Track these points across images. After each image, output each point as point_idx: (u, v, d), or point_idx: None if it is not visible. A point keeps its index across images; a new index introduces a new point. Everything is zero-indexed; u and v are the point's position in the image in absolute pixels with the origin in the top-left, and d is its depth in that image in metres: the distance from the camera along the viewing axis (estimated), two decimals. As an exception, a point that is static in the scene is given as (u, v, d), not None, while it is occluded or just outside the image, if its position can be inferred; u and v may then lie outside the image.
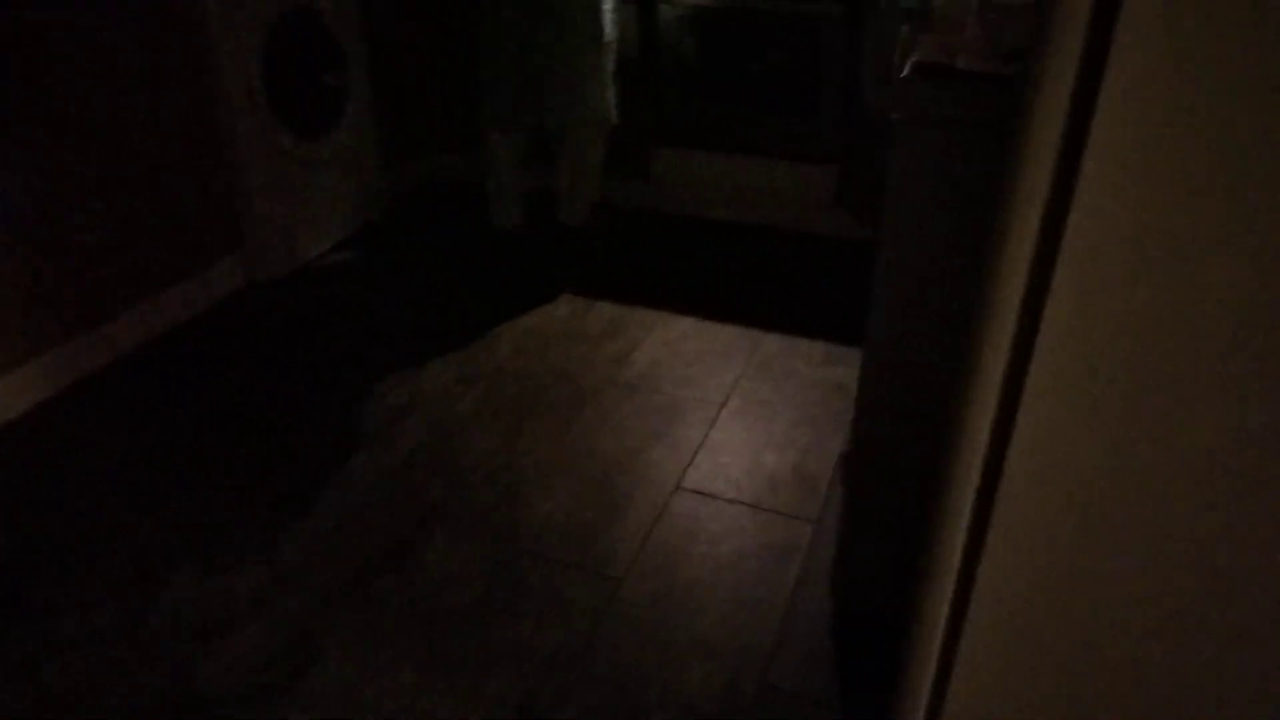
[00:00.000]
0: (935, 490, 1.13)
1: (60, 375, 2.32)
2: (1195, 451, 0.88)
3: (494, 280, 2.96)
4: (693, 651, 1.68)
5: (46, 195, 2.20)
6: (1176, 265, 0.82)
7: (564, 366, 2.52)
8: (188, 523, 1.97)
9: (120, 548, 1.91)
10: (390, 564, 1.88)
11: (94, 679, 1.62)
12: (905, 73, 1.30)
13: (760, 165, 3.22)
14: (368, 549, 1.92)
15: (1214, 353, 0.83)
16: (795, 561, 1.88)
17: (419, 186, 3.56)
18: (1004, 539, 1.01)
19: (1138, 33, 0.74)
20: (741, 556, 1.90)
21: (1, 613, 1.74)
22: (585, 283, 2.92)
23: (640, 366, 2.52)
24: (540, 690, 1.61)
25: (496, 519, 1.99)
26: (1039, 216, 0.87)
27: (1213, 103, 0.75)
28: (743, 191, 3.28)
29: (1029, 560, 1.01)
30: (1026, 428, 0.95)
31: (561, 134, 2.94)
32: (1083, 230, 0.84)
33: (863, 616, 1.74)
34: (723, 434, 2.25)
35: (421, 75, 3.37)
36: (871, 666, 1.65)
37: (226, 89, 2.55)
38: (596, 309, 2.79)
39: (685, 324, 2.71)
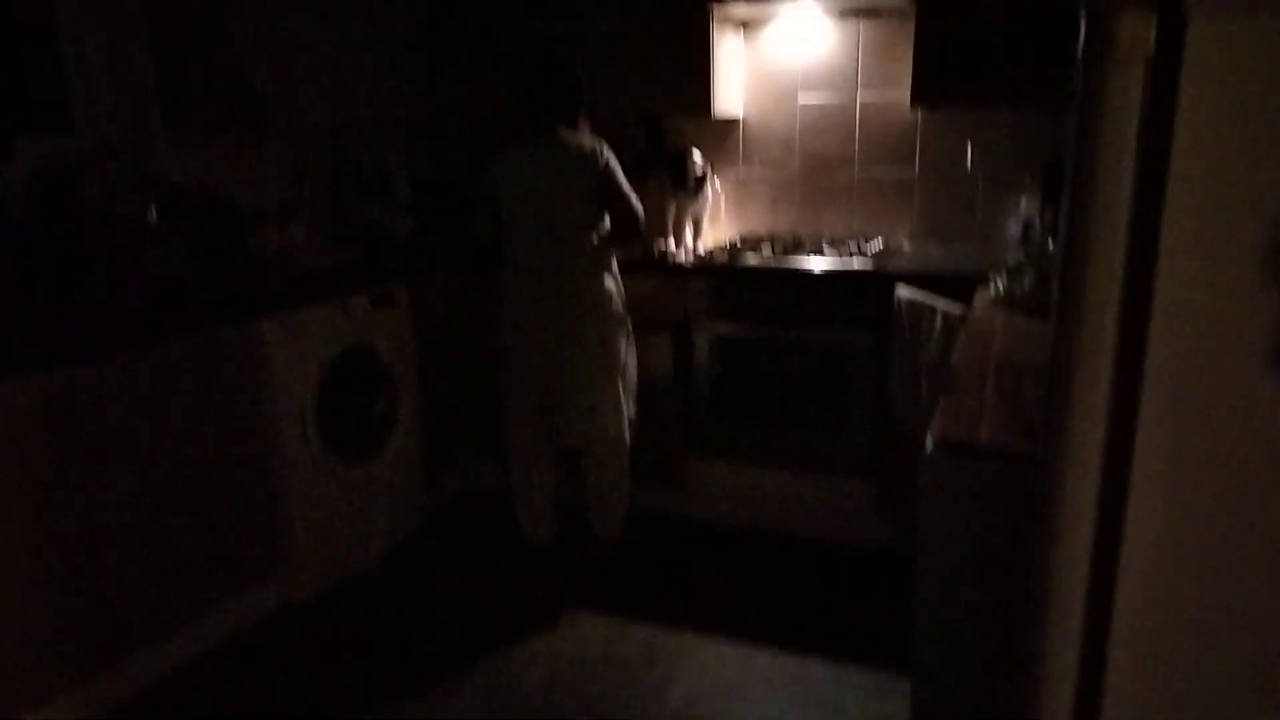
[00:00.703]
0: None
1: (84, 713, 2.26)
2: None
3: (528, 598, 2.92)
4: None
5: (88, 524, 2.26)
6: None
7: (598, 701, 2.41)
8: None
9: None
10: None
11: None
12: (930, 449, 1.34)
13: (796, 477, 3.25)
14: None
15: None
16: None
17: (457, 497, 3.63)
18: None
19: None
20: None
21: None
22: (622, 600, 2.86)
23: (678, 701, 2.40)
24: None
25: None
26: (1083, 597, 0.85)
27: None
28: (780, 502, 3.29)
29: None
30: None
31: (582, 452, 3.03)
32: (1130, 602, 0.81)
33: None
34: (767, 785, 2.09)
35: (462, 392, 3.54)
36: None
37: (281, 424, 2.69)
38: (632, 631, 2.71)
39: (725, 649, 2.61)
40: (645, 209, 2.91)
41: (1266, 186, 0.64)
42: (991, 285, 2.37)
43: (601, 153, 2.79)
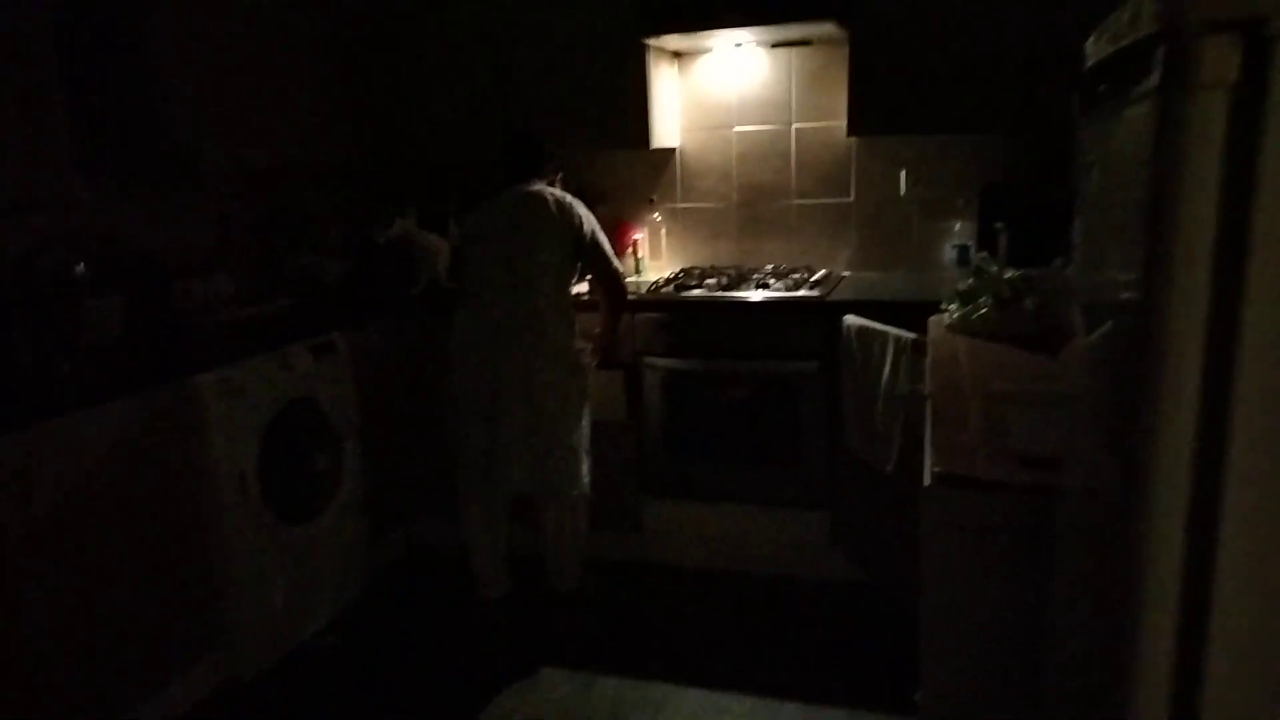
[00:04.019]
0: None
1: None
2: None
3: (484, 657, 2.80)
4: None
5: (17, 608, 2.07)
6: None
7: (572, 760, 2.31)
8: None
9: None
10: None
11: None
12: (929, 481, 1.32)
13: (752, 513, 3.21)
14: None
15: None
16: None
17: (404, 555, 3.48)
18: None
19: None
20: None
21: None
22: (583, 654, 2.77)
23: (654, 754, 2.32)
24: None
25: None
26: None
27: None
28: (739, 540, 3.25)
29: None
30: None
31: (536, 502, 2.94)
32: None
33: None
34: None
35: (406, 443, 3.41)
36: None
37: (221, 488, 2.53)
38: (598, 686, 2.61)
39: (695, 698, 2.53)
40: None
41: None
42: (945, 312, 2.39)
43: (578, 211, 2.85)
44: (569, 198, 2.89)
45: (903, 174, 3.40)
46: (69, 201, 2.75)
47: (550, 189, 2.90)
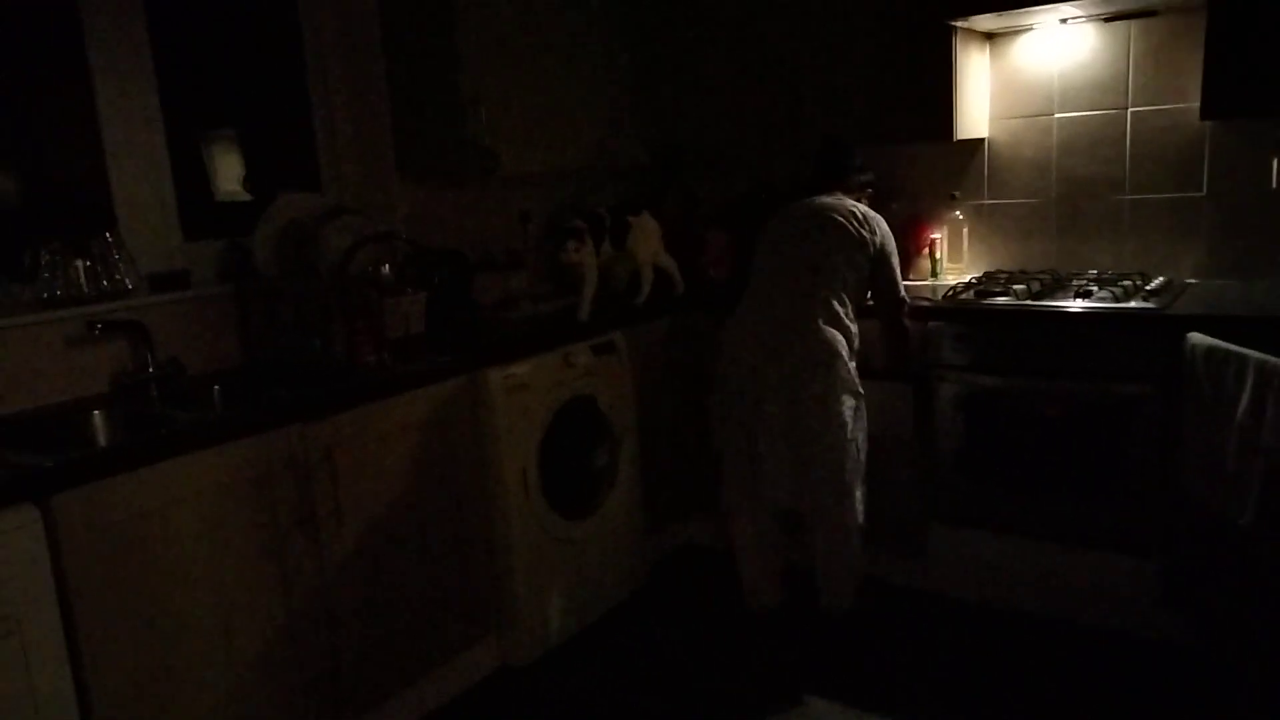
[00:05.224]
0: None
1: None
2: None
3: (754, 673, 2.68)
4: None
5: (324, 582, 2.25)
6: None
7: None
8: None
9: None
10: None
11: None
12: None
13: (1057, 552, 2.82)
14: None
15: None
16: None
17: (677, 553, 3.46)
18: None
19: None
20: None
21: None
22: (855, 685, 2.57)
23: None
24: None
25: None
26: None
27: None
28: (1038, 579, 2.87)
29: None
30: None
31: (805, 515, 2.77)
32: None
33: None
34: None
35: (683, 443, 3.38)
36: None
37: (504, 480, 2.63)
38: (872, 725, 2.41)
39: (982, 756, 2.26)
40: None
41: None
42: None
43: (876, 228, 2.74)
44: (869, 212, 2.77)
45: (1275, 162, 2.82)
46: (387, 202, 3.00)
47: (852, 202, 2.80)
